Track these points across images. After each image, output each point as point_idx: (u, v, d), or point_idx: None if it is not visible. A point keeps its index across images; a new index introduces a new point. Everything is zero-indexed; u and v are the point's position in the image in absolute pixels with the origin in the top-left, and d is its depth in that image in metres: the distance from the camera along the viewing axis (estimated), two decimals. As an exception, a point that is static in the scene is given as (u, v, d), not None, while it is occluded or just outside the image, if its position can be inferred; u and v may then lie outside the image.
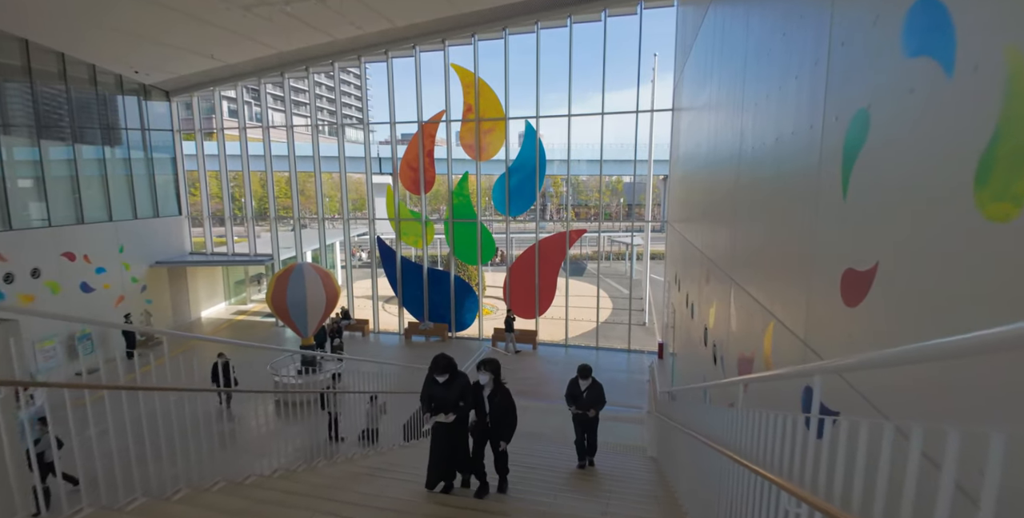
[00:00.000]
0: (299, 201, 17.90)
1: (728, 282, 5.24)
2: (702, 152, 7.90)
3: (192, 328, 18.26)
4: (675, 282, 11.43)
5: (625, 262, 32.73)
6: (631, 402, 11.36)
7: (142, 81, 16.40)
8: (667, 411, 6.97)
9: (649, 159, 18.99)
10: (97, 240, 14.44)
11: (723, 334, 5.54)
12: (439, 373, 4.29)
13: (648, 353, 15.11)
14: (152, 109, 17.27)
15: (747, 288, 4.33)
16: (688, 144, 10.10)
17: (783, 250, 3.24)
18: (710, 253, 6.61)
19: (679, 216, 11.40)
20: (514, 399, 4.95)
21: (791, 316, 3.02)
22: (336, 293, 12.04)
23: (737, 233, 4.95)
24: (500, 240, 16.50)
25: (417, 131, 15.78)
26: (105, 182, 15.12)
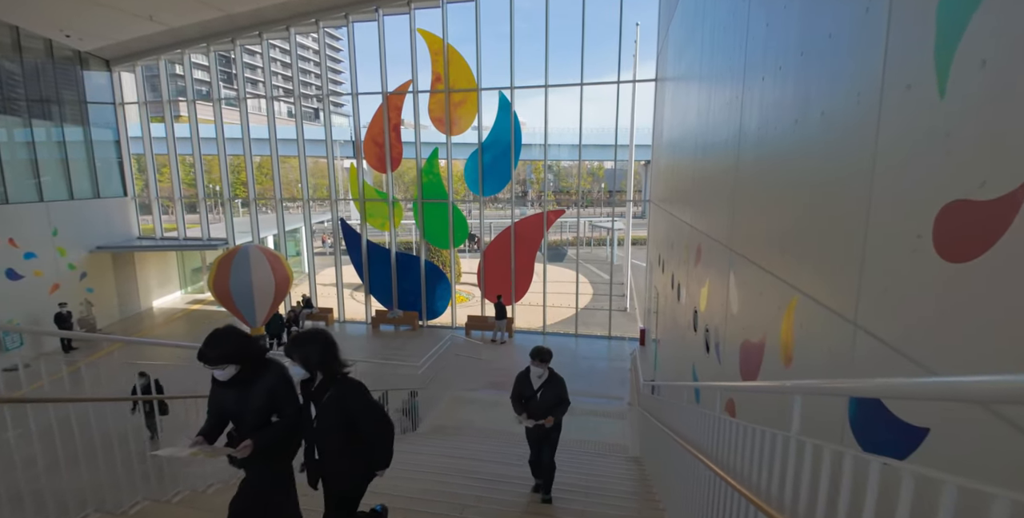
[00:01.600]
0: (255, 181, 16.55)
1: (727, 256, 4.37)
2: (691, 121, 7.00)
3: (142, 319, 16.93)
4: (658, 264, 10.61)
5: (606, 248, 32.03)
6: (612, 392, 10.59)
7: (76, 47, 14.79)
8: (650, 406, 6.15)
9: (631, 143, 18.11)
10: (24, 222, 13.00)
11: (719, 318, 4.67)
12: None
13: (630, 340, 14.38)
14: (92, 80, 15.69)
15: (756, 260, 3.44)
16: (676, 113, 9.20)
17: (823, 192, 2.31)
18: (703, 226, 5.74)
19: (664, 193, 10.54)
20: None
21: (830, 287, 2.12)
22: (287, 277, 10.94)
23: (743, 188, 4.05)
24: (477, 226, 15.51)
25: (382, 103, 14.56)
26: (34, 158, 13.59)
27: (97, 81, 15.88)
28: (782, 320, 2.78)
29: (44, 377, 3.42)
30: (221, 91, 15.86)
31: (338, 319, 16.52)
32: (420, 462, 5.11)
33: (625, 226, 21.47)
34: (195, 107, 16.18)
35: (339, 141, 17.56)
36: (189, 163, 18.06)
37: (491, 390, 10.51)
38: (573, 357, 12.99)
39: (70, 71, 14.95)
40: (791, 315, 2.62)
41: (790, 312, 2.64)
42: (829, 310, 2.06)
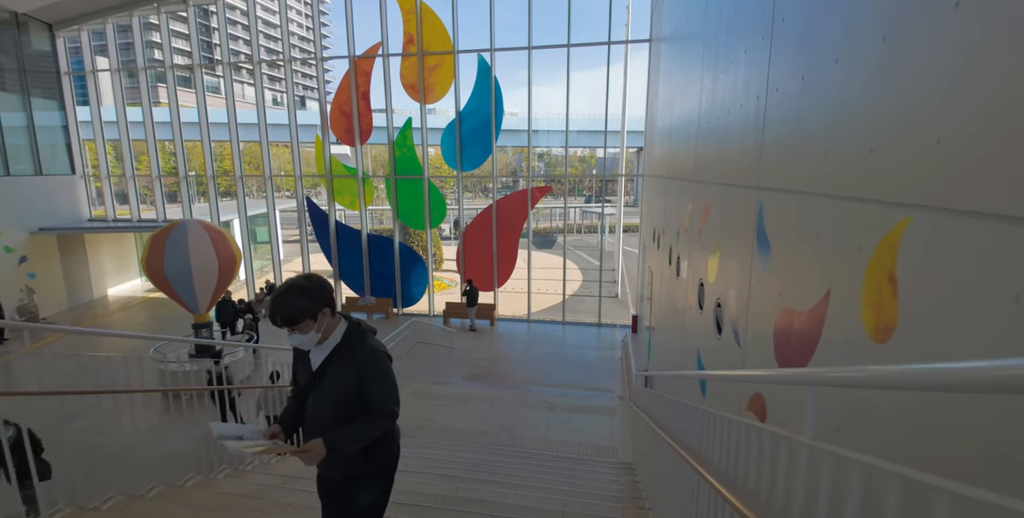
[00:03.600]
0: (214, 160, 15.18)
1: (753, 200, 3.20)
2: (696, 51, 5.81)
3: (95, 307, 15.59)
4: (653, 240, 9.45)
5: (596, 235, 30.92)
6: (601, 384, 9.47)
7: (12, 8, 13.27)
8: (644, 402, 5.01)
9: (622, 128, 16.80)
10: (-56, 198, 11.61)
11: (738, 286, 3.49)
12: None
13: (620, 327, 13.26)
14: (33, 46, 14.20)
15: (810, 186, 2.25)
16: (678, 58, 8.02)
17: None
18: (714, 175, 4.56)
19: (660, 160, 9.36)
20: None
21: None
22: (233, 256, 9.65)
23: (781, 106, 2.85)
24: (456, 207, 14.28)
25: (349, 68, 13.20)
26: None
27: (39, 47, 14.38)
28: (867, 264, 1.58)
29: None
30: (173, 58, 14.41)
31: (307, 307, 15.24)
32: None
33: (617, 211, 20.33)
34: (146, 75, 14.73)
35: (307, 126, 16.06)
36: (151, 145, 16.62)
37: (466, 382, 9.36)
38: (560, 346, 11.87)
39: (7, 35, 13.45)
40: (891, 251, 1.43)
41: (889, 247, 1.45)
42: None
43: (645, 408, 5.16)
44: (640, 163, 45.20)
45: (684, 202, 6.07)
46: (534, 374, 10.12)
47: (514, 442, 6.01)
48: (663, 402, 4.43)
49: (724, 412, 2.42)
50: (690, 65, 6.19)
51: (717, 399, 4.13)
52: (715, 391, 4.17)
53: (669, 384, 5.88)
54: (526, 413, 6.91)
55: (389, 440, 2.21)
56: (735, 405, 3.53)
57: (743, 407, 3.24)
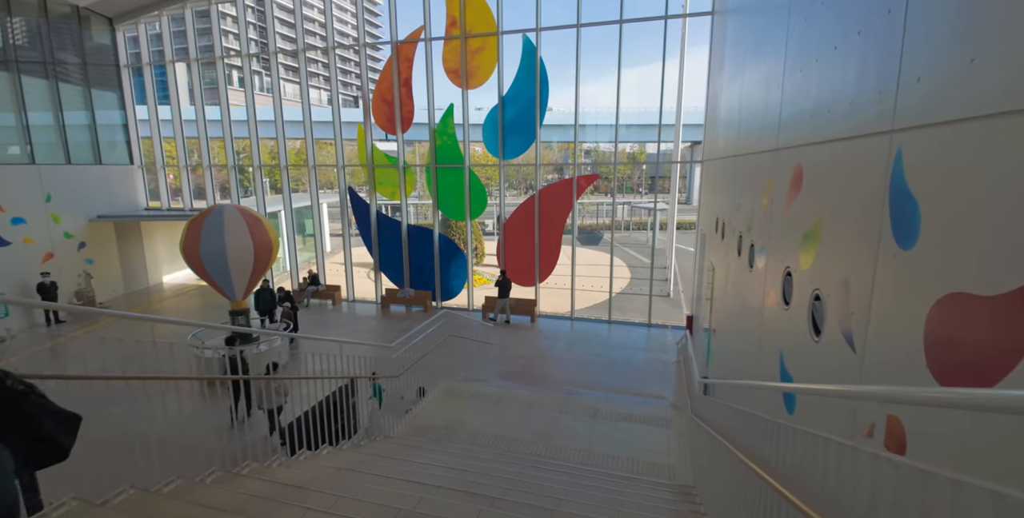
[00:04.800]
0: (260, 150, 15.25)
1: (882, 148, 2.33)
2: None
3: (149, 294, 16.05)
4: (716, 231, 8.43)
5: (645, 232, 29.55)
6: (651, 390, 8.56)
7: (73, 2, 13.76)
8: (711, 414, 4.15)
9: (677, 121, 15.58)
10: (11, 185, 12.09)
11: (855, 271, 2.60)
12: None
13: (673, 329, 12.22)
14: (95, 40, 14.71)
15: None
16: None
17: None
18: (809, 130, 3.67)
19: (725, 143, 8.34)
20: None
21: None
22: (269, 243, 9.40)
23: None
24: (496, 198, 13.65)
25: (391, 54, 12.83)
26: (24, 118, 12.65)
27: (100, 41, 14.89)
28: None
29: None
30: (221, 48, 14.55)
31: (347, 298, 15.10)
32: (364, 490, 3.36)
33: (670, 205, 19.06)
34: (199, 66, 14.98)
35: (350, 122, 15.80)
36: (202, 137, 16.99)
37: (501, 381, 8.70)
38: (605, 346, 10.99)
39: (69, 29, 13.97)
40: None
41: None
42: None
43: (712, 421, 4.29)
44: (693, 155, 43.16)
45: (761, 178, 5.12)
46: (576, 375, 9.33)
47: (552, 453, 5.27)
48: (737, 417, 3.56)
49: (824, 432, 1.86)
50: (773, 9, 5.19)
51: (813, 417, 3.24)
52: (810, 407, 3.28)
53: (734, 394, 4.98)
54: (567, 419, 6.15)
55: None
56: (844, 427, 2.69)
57: (860, 431, 2.43)
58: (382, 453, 4.54)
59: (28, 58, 12.88)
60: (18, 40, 12.65)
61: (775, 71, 4.89)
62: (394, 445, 5.07)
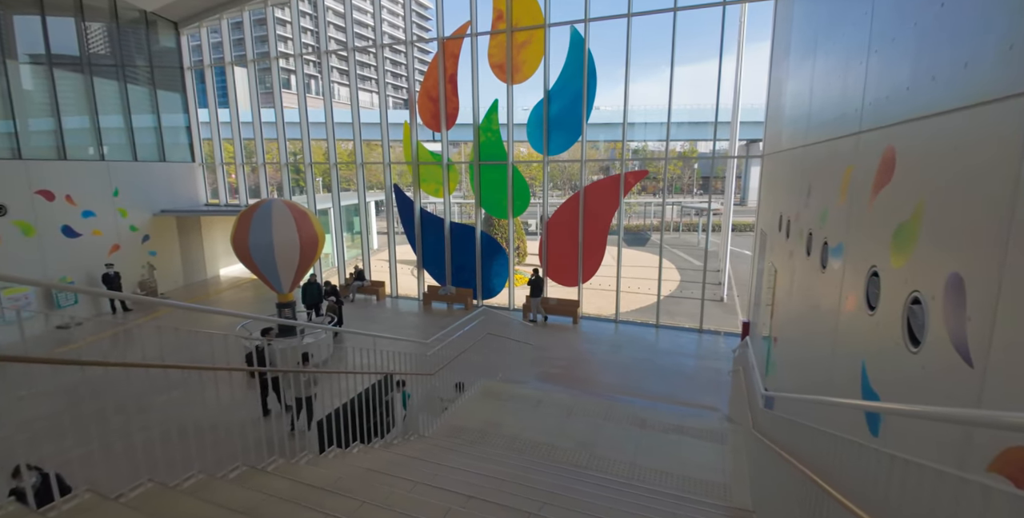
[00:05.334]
0: (311, 149, 15.60)
1: (1012, 114, 1.87)
2: None
3: (206, 285, 16.77)
4: (779, 229, 7.77)
5: (695, 234, 28.35)
6: (702, 400, 7.99)
7: (142, 7, 14.54)
8: (778, 432, 3.68)
9: (734, 117, 14.70)
10: (83, 180, 12.87)
11: (974, 266, 2.13)
12: None
13: (726, 335, 11.49)
14: (161, 43, 15.50)
15: None
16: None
17: None
18: (906, 104, 3.15)
19: (792, 132, 7.67)
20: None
21: None
22: (315, 237, 9.49)
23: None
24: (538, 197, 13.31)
25: (438, 50, 12.77)
26: (94, 117, 13.45)
27: (165, 44, 15.67)
28: None
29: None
30: (276, 49, 14.99)
31: (390, 294, 15.20)
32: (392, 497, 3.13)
33: (725, 204, 18.09)
34: (255, 67, 15.50)
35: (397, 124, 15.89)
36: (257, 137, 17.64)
37: (540, 383, 8.36)
38: (652, 351, 10.44)
39: (137, 33, 14.76)
40: None
41: None
42: None
43: (780, 440, 3.80)
44: (749, 153, 41.27)
45: (838, 167, 4.56)
46: (620, 380, 8.87)
47: (594, 463, 4.89)
48: (814, 438, 3.09)
49: (925, 460, 1.65)
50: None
51: (906, 441, 2.76)
52: (903, 430, 2.79)
53: (795, 409, 4.44)
54: (610, 428, 5.75)
55: None
56: (949, 456, 2.24)
57: (984, 463, 1.98)
58: (414, 454, 4.33)
59: (100, 61, 13.69)
60: (91, 44, 13.45)
61: (857, 45, 4.33)
62: (427, 446, 4.85)
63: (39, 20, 12.11)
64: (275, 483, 3.00)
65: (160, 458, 2.86)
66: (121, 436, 3.94)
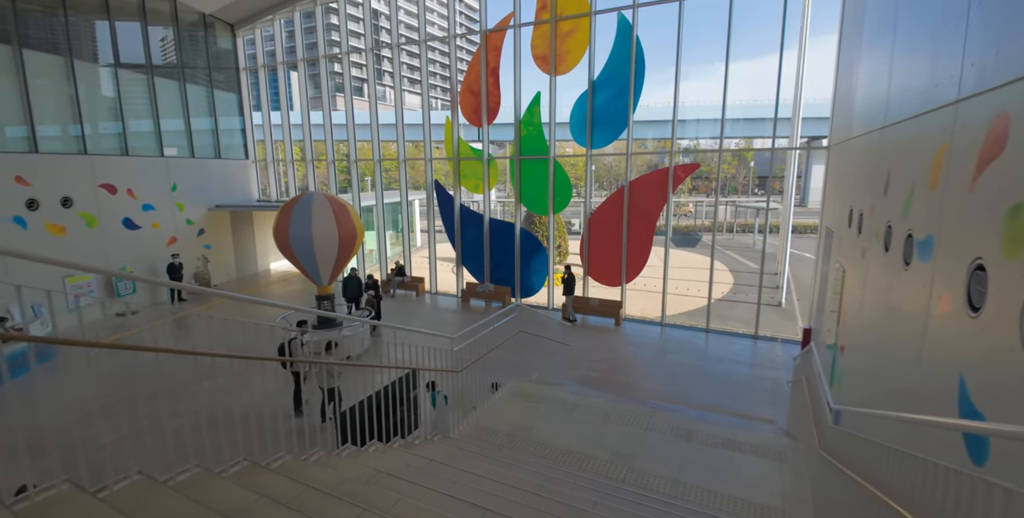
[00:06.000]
0: (355, 143, 15.78)
1: None
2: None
3: (257, 278, 17.34)
4: (849, 225, 6.98)
5: (750, 235, 26.86)
6: (757, 412, 7.31)
7: (200, 9, 15.18)
8: (851, 455, 3.12)
9: (795, 112, 13.62)
10: (144, 175, 13.52)
11: None
12: None
13: (784, 342, 10.61)
14: (218, 44, 16.14)
15: None
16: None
17: None
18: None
19: (867, 114, 6.88)
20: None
21: None
22: (354, 231, 9.46)
23: None
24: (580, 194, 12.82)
25: (480, 43, 12.55)
26: (155, 115, 14.12)
27: (222, 46, 16.30)
28: None
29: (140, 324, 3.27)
30: (325, 49, 15.26)
31: (430, 290, 15.13)
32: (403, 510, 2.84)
33: (783, 202, 16.91)
34: (304, 66, 15.87)
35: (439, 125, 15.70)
36: (306, 137, 18.09)
37: (577, 386, 7.92)
38: (701, 357, 9.75)
39: (195, 35, 15.41)
40: None
41: None
42: None
43: (854, 463, 3.24)
44: (810, 151, 38.86)
45: (926, 147, 3.90)
46: (665, 387, 8.29)
47: (633, 478, 4.43)
48: (904, 464, 2.55)
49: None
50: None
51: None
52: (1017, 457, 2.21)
53: (868, 427, 3.82)
54: (652, 439, 5.25)
55: None
56: None
57: None
58: (434, 457, 4.03)
59: (162, 63, 14.36)
60: (153, 47, 14.12)
61: (952, 5, 3.67)
62: (451, 448, 4.55)
63: (107, 25, 12.83)
64: (274, 482, 2.77)
65: (165, 448, 2.68)
66: (154, 422, 3.90)
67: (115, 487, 2.35)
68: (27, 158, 10.92)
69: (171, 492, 2.39)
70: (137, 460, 2.65)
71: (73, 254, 11.54)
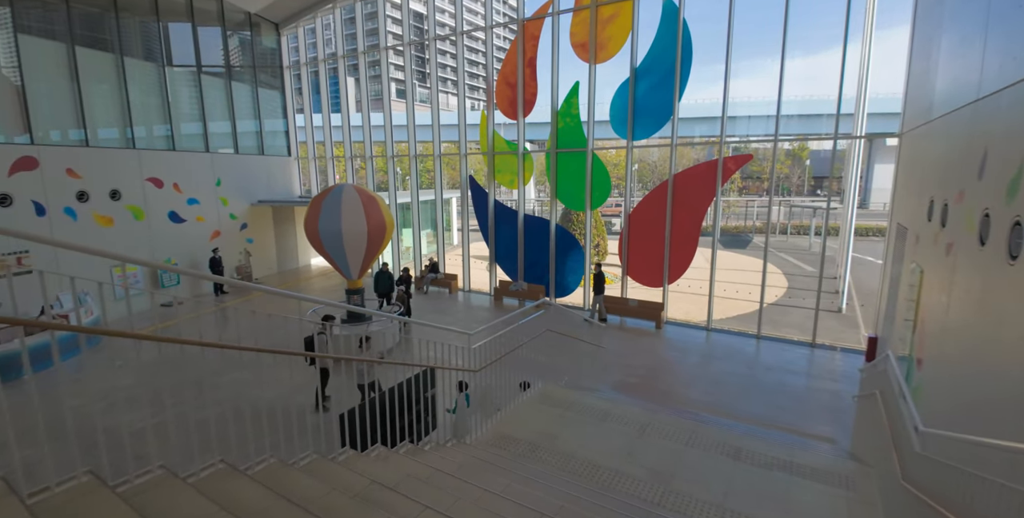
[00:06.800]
0: (392, 137, 15.70)
1: None
2: None
3: (297, 273, 17.58)
4: (929, 219, 6.08)
5: (808, 237, 25.16)
6: (815, 430, 6.50)
7: (246, 8, 15.50)
8: (947, 489, 2.45)
9: (859, 106, 12.43)
10: (189, 169, 13.88)
11: None
12: None
13: (844, 351, 9.60)
14: (262, 43, 16.46)
15: None
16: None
17: None
18: None
19: (952, 90, 5.97)
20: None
21: None
22: (382, 224, 9.22)
23: None
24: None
25: (517, 33, 12.13)
26: (202, 112, 14.49)
27: (267, 45, 16.61)
28: None
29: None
30: (364, 44, 15.27)
31: (463, 288, 14.83)
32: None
33: (845, 199, 15.57)
34: (344, 63, 15.95)
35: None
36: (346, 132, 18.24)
37: (611, 392, 7.33)
38: (751, 366, 8.92)
39: (241, 35, 15.75)
40: None
41: None
42: None
43: (946, 498, 2.57)
44: (872, 150, 36.16)
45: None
46: (710, 397, 7.56)
47: (669, 500, 3.85)
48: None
49: None
50: None
51: None
52: None
53: (957, 454, 3.10)
54: (694, 455, 4.63)
55: None
56: None
57: None
58: (442, 466, 3.61)
59: (209, 61, 14.74)
60: (202, 46, 14.51)
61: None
62: (464, 457, 4.11)
63: (156, 26, 13.26)
64: (244, 492, 2.41)
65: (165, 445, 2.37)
66: (206, 407, 3.73)
67: (136, 481, 2.34)
68: (78, 151, 11.36)
69: (191, 490, 2.29)
70: (161, 453, 2.59)
71: (120, 245, 11.93)
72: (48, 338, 2.42)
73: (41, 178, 10.58)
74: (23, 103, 10.47)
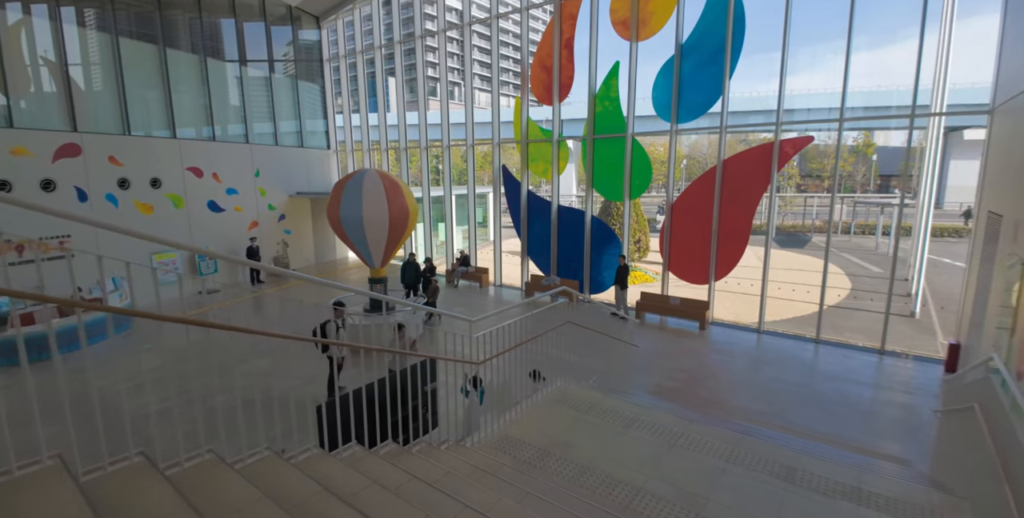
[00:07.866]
0: (425, 131, 15.39)
1: None
2: None
3: (334, 265, 17.65)
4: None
5: (874, 237, 23.06)
6: (885, 448, 5.52)
7: (287, 1, 15.61)
8: None
9: (935, 95, 10.94)
10: (229, 160, 14.08)
11: None
12: None
13: (918, 360, 8.37)
14: (304, 36, 16.56)
15: None
16: None
17: None
18: None
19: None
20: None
21: None
22: (405, 211, 8.81)
23: None
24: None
25: (555, 12, 11.46)
26: (243, 103, 14.68)
27: (308, 38, 16.70)
28: None
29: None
30: (400, 34, 15.04)
31: (494, 282, 14.32)
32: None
33: (920, 191, 13.90)
34: (381, 53, 15.80)
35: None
36: (381, 123, 18.13)
37: (641, 396, 6.57)
38: (809, 373, 7.89)
39: (283, 28, 15.88)
40: None
41: None
42: None
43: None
44: (949, 146, 33.09)
45: None
46: (759, 406, 6.67)
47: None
48: None
49: None
50: None
51: None
52: None
53: None
54: (735, 475, 3.87)
55: None
56: None
57: None
58: (424, 473, 3.05)
59: (253, 55, 14.92)
60: (249, 39, 14.70)
61: None
62: (457, 462, 3.55)
63: (199, 21, 13.50)
64: (153, 495, 1.93)
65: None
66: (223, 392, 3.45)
67: (186, 464, 2.44)
68: (120, 139, 11.65)
69: (237, 476, 2.35)
70: (210, 438, 2.67)
71: (159, 232, 12.10)
72: (82, 319, 2.38)
73: (84, 165, 10.89)
74: (68, 92, 10.79)
